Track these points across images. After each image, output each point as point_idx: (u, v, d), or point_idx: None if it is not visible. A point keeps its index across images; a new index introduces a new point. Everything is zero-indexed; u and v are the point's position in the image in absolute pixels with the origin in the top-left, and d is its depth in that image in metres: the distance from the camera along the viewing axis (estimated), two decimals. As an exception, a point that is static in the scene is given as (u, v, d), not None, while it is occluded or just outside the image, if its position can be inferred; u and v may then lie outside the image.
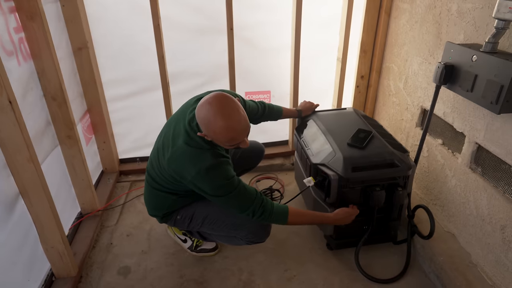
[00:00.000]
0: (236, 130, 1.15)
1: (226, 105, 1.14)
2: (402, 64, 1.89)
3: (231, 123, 1.14)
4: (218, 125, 1.13)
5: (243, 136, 1.19)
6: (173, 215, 1.48)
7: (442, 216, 1.63)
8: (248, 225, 1.38)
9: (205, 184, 1.23)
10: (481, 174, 1.38)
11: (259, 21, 2.00)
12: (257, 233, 1.39)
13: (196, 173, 1.21)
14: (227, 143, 1.18)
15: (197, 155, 1.22)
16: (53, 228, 1.32)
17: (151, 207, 1.50)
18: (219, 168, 1.23)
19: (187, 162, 1.23)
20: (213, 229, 1.44)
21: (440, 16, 1.55)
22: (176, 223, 1.49)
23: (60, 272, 1.43)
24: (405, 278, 1.51)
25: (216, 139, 1.18)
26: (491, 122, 1.29)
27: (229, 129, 1.14)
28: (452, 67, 1.33)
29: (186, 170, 1.23)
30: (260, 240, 1.43)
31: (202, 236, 1.55)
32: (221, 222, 1.41)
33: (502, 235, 1.26)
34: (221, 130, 1.13)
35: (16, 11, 1.26)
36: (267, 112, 1.68)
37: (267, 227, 1.41)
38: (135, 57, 1.96)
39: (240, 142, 1.21)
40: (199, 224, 1.45)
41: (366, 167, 1.43)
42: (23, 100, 1.28)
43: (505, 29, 1.15)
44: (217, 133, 1.15)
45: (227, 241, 1.50)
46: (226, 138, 1.16)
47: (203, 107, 1.15)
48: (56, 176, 1.54)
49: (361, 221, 1.54)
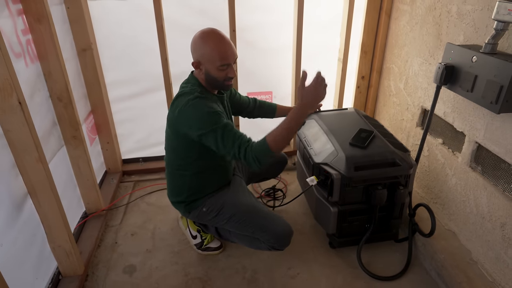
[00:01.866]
0: (226, 44, 1.30)
1: (216, 31, 1.32)
2: (403, 65, 1.91)
3: (221, 39, 1.30)
4: (210, 42, 1.28)
5: (232, 57, 1.33)
6: (198, 206, 1.50)
7: (443, 214, 1.65)
8: (273, 230, 1.41)
9: (192, 112, 1.29)
10: (481, 173, 1.40)
11: (260, 22, 2.02)
12: (280, 240, 1.43)
13: (186, 102, 1.30)
14: (219, 61, 1.29)
15: (189, 92, 1.35)
16: (60, 227, 1.34)
17: (172, 192, 1.56)
18: (207, 100, 1.33)
19: (181, 100, 1.33)
20: (238, 228, 1.47)
21: (440, 17, 1.58)
22: (200, 215, 1.51)
23: (66, 271, 1.45)
24: (406, 276, 1.53)
25: (208, 59, 1.30)
26: (491, 121, 1.31)
27: (221, 44, 1.29)
28: (452, 67, 1.35)
29: (179, 106, 1.31)
30: (280, 247, 1.45)
31: (218, 233, 1.57)
32: (248, 222, 1.44)
33: (502, 233, 1.29)
34: (214, 45, 1.28)
35: (24, 14, 1.28)
36: (258, 106, 1.74)
37: (289, 236, 1.45)
38: (138, 58, 1.99)
39: (229, 66, 1.33)
40: (225, 220, 1.47)
41: (368, 166, 1.45)
42: (31, 101, 1.30)
43: (504, 31, 1.17)
44: (210, 50, 1.29)
45: (248, 242, 1.52)
46: (218, 53, 1.28)
47: (197, 35, 1.33)
48: (61, 176, 1.56)
49: (363, 220, 1.57)
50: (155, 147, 2.26)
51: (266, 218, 1.44)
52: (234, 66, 1.39)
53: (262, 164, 1.25)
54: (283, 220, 1.46)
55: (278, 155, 1.45)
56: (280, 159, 1.84)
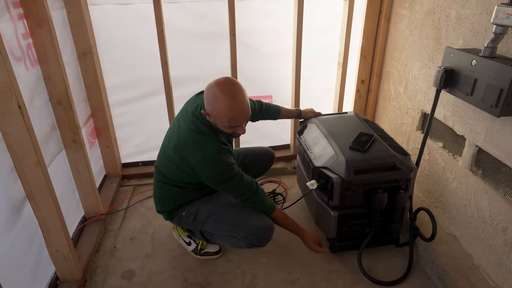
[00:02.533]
0: (238, 110, 1.25)
1: (233, 87, 1.26)
2: (402, 69, 1.92)
3: (234, 104, 1.24)
4: (222, 103, 1.23)
5: (243, 119, 1.29)
6: (179, 211, 1.51)
7: (444, 218, 1.64)
8: (250, 225, 1.40)
9: (209, 169, 1.32)
10: (482, 177, 1.40)
11: (261, 27, 2.03)
12: (258, 235, 1.41)
13: (201, 158, 1.29)
14: (227, 122, 1.26)
15: (201, 140, 1.32)
16: (58, 232, 1.33)
17: (159, 202, 1.56)
18: (222, 155, 1.32)
19: (192, 147, 1.31)
20: (216, 228, 1.47)
21: (439, 21, 1.58)
22: (181, 220, 1.52)
23: (64, 276, 1.44)
24: (407, 281, 1.52)
25: (218, 117, 1.27)
26: (491, 125, 1.31)
27: (232, 108, 1.24)
28: (452, 71, 1.35)
29: (192, 155, 1.31)
30: (260, 243, 1.44)
31: (204, 237, 1.56)
32: (224, 221, 1.44)
33: (504, 237, 1.28)
34: (225, 108, 1.23)
35: (25, 18, 1.29)
36: (264, 110, 1.73)
37: (268, 231, 1.43)
38: (138, 62, 1.99)
39: (238, 127, 1.30)
40: (203, 221, 1.47)
41: (368, 170, 1.45)
42: (30, 105, 1.30)
43: (503, 35, 1.18)
44: (220, 111, 1.24)
45: (228, 242, 1.51)
46: (227, 117, 1.25)
47: (213, 86, 1.26)
48: (60, 179, 1.56)
49: (363, 224, 1.56)
50: (155, 151, 2.20)
51: (243, 215, 1.43)
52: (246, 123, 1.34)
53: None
54: (263, 216, 1.45)
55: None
56: (268, 155, 1.84)
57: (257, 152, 1.81)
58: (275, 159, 1.88)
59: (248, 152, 1.79)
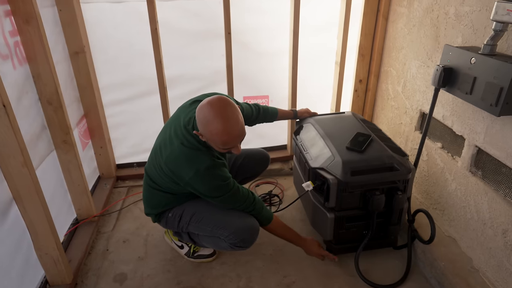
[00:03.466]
0: (231, 134, 1.19)
1: (226, 109, 1.18)
2: (401, 68, 1.89)
3: (228, 126, 1.17)
4: (215, 126, 1.16)
5: (237, 142, 1.23)
6: (165, 213, 1.48)
7: (443, 220, 1.61)
8: (232, 225, 1.37)
9: (202, 185, 1.28)
10: (482, 178, 1.37)
11: (257, 26, 2.00)
12: (240, 236, 1.36)
13: (194, 174, 1.25)
14: (221, 145, 1.20)
15: (194, 156, 1.27)
16: (47, 235, 1.30)
17: (148, 206, 1.52)
18: (216, 170, 1.28)
19: (184, 163, 1.27)
20: (199, 228, 1.43)
21: (438, 19, 1.55)
22: (168, 222, 1.49)
23: (54, 280, 1.40)
24: (405, 284, 1.48)
25: (211, 139, 1.20)
26: (491, 124, 1.28)
27: (225, 132, 1.17)
28: (450, 69, 1.32)
29: (184, 171, 1.27)
30: (243, 244, 1.39)
31: (192, 239, 1.53)
32: (206, 220, 1.41)
33: (504, 239, 1.24)
34: (218, 131, 1.16)
35: (12, 15, 1.25)
36: (262, 115, 1.69)
37: (251, 231, 1.38)
38: (132, 61, 1.96)
39: (233, 147, 1.23)
40: (187, 222, 1.44)
41: (365, 171, 1.42)
42: (18, 104, 1.27)
43: (503, 32, 1.14)
44: (213, 134, 1.18)
45: (212, 243, 1.47)
46: (220, 140, 1.19)
47: (204, 107, 1.19)
48: (51, 181, 1.52)
49: (361, 226, 1.52)
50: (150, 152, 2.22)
51: (226, 215, 1.39)
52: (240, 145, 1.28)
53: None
54: (249, 216, 1.40)
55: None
56: (262, 157, 1.80)
57: (251, 154, 1.77)
58: (269, 162, 1.84)
59: (242, 154, 1.75)
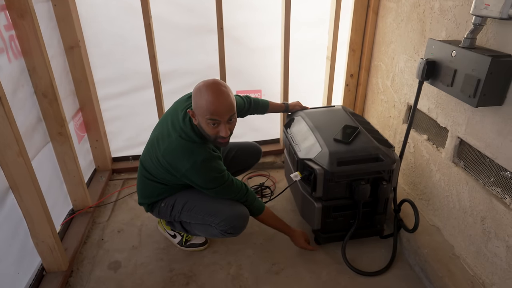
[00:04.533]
0: (221, 102, 1.24)
1: (219, 86, 1.26)
2: (390, 62, 1.92)
3: (218, 97, 1.23)
4: (206, 97, 1.23)
5: (225, 113, 1.25)
6: (158, 203, 1.54)
7: (428, 210, 1.66)
8: (223, 213, 1.42)
9: (198, 177, 1.34)
10: (464, 168, 1.41)
11: (248, 21, 2.03)
12: (231, 222, 1.42)
13: (191, 166, 1.30)
14: (209, 115, 1.24)
15: (190, 148, 1.32)
16: (43, 223, 1.35)
17: (142, 196, 1.57)
18: (212, 162, 1.33)
19: (181, 156, 1.31)
20: (191, 216, 1.48)
21: (424, 14, 1.59)
22: (160, 211, 1.54)
23: (50, 267, 1.45)
24: (391, 271, 1.53)
25: (201, 112, 1.25)
26: (472, 116, 1.32)
27: (214, 102, 1.23)
28: (434, 63, 1.36)
29: (181, 163, 1.32)
30: (233, 231, 1.44)
31: (184, 228, 1.58)
32: (198, 208, 1.46)
33: (482, 226, 1.29)
34: (207, 101, 1.23)
35: (7, 9, 1.29)
36: (253, 106, 1.74)
37: (241, 218, 1.44)
38: (127, 56, 1.99)
39: (220, 124, 1.26)
40: (179, 211, 1.49)
41: (351, 161, 1.46)
42: (14, 97, 1.31)
43: (482, 25, 1.18)
44: (203, 104, 1.24)
45: (203, 231, 1.52)
46: (208, 110, 1.23)
47: (200, 84, 1.28)
48: (47, 172, 1.57)
49: (347, 215, 1.57)
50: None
51: (217, 203, 1.44)
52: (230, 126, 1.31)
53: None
54: (239, 204, 1.46)
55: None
56: (254, 150, 1.84)
57: (243, 147, 1.82)
58: (261, 155, 1.89)
59: (234, 147, 1.79)
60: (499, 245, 1.22)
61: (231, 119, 1.29)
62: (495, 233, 1.24)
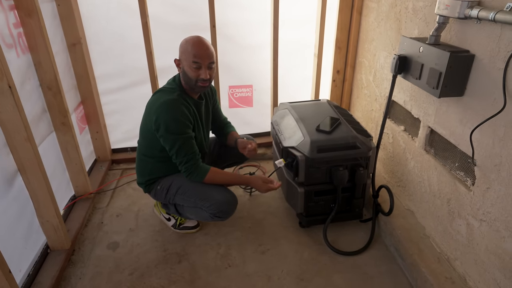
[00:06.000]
0: (203, 50, 1.45)
1: (201, 37, 1.49)
2: (372, 59, 2.05)
3: (201, 44, 1.46)
4: (191, 44, 1.46)
5: (206, 59, 1.46)
6: (155, 185, 1.66)
7: (404, 196, 1.78)
8: (213, 197, 1.55)
9: (165, 114, 1.47)
10: (434, 155, 1.53)
11: (241, 19, 2.16)
12: (220, 207, 1.55)
13: (160, 104, 1.48)
14: (192, 57, 1.44)
15: (168, 91, 1.53)
16: (48, 204, 1.48)
17: (138, 173, 1.72)
18: (180, 105, 1.49)
19: (158, 97, 1.52)
20: (184, 200, 1.61)
21: (400, 13, 1.71)
22: (156, 193, 1.67)
23: (54, 245, 1.58)
24: (368, 252, 1.66)
25: (185, 57, 1.47)
26: (439, 107, 1.44)
27: (198, 44, 1.45)
28: (405, 58, 1.49)
29: (155, 106, 1.50)
30: (222, 215, 1.57)
31: (178, 211, 1.71)
32: (190, 192, 1.58)
33: (448, 207, 1.41)
34: (192, 43, 1.45)
35: (15, 9, 1.42)
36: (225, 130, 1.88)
37: (229, 204, 1.57)
38: (125, 53, 2.12)
39: (200, 67, 1.46)
40: (173, 195, 1.62)
41: (330, 149, 1.59)
42: (22, 89, 1.44)
43: (445, 24, 1.31)
44: (188, 50, 1.45)
45: (195, 213, 1.65)
46: (193, 52, 1.44)
47: (186, 38, 1.50)
48: (51, 159, 1.70)
49: (328, 200, 1.70)
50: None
51: (208, 189, 1.57)
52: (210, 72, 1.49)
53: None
54: (228, 191, 1.59)
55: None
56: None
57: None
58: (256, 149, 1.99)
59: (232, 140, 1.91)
60: (461, 223, 1.35)
61: (211, 67, 1.49)
62: (458, 212, 1.36)
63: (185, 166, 1.54)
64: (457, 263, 1.38)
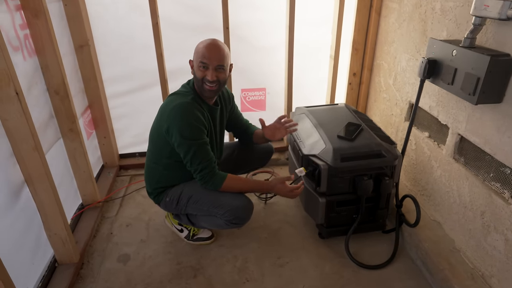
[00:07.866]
0: (212, 50, 1.40)
1: (217, 40, 1.45)
2: (392, 61, 1.96)
3: (212, 45, 1.41)
4: (203, 44, 1.42)
5: (214, 61, 1.40)
6: (163, 196, 1.59)
7: (429, 205, 1.70)
8: (227, 204, 1.47)
9: (178, 120, 1.39)
10: (464, 164, 1.45)
11: (254, 20, 2.08)
12: (236, 213, 1.47)
13: (173, 107, 1.41)
14: (201, 57, 1.40)
15: (181, 95, 1.47)
16: (56, 216, 1.39)
17: (146, 181, 1.65)
18: (194, 109, 1.42)
19: (171, 100, 1.45)
20: (197, 208, 1.53)
21: (425, 14, 1.62)
22: (166, 205, 1.59)
23: (62, 258, 1.50)
24: (393, 265, 1.58)
25: (196, 57, 1.42)
26: (472, 113, 1.36)
27: (208, 48, 1.40)
28: (435, 61, 1.40)
29: (168, 106, 1.43)
30: (238, 222, 1.50)
31: (190, 221, 1.63)
32: (203, 201, 1.50)
33: (482, 220, 1.33)
34: (203, 47, 1.41)
35: (22, 9, 1.34)
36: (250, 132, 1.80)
37: (245, 209, 1.49)
38: (135, 54, 2.04)
39: (207, 67, 1.40)
40: (185, 205, 1.54)
41: (354, 157, 1.50)
42: (28, 93, 1.35)
43: (481, 25, 1.22)
44: (199, 50, 1.41)
45: (209, 222, 1.57)
46: (202, 52, 1.39)
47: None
48: (58, 167, 1.61)
49: (351, 210, 1.61)
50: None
51: (221, 195, 1.49)
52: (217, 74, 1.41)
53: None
54: (243, 196, 1.51)
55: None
56: (266, 149, 1.88)
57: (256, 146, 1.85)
58: (273, 153, 1.92)
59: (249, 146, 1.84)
60: (498, 238, 1.26)
61: (219, 70, 1.42)
62: (494, 227, 1.28)
63: (200, 174, 1.45)
64: (494, 280, 1.29)
